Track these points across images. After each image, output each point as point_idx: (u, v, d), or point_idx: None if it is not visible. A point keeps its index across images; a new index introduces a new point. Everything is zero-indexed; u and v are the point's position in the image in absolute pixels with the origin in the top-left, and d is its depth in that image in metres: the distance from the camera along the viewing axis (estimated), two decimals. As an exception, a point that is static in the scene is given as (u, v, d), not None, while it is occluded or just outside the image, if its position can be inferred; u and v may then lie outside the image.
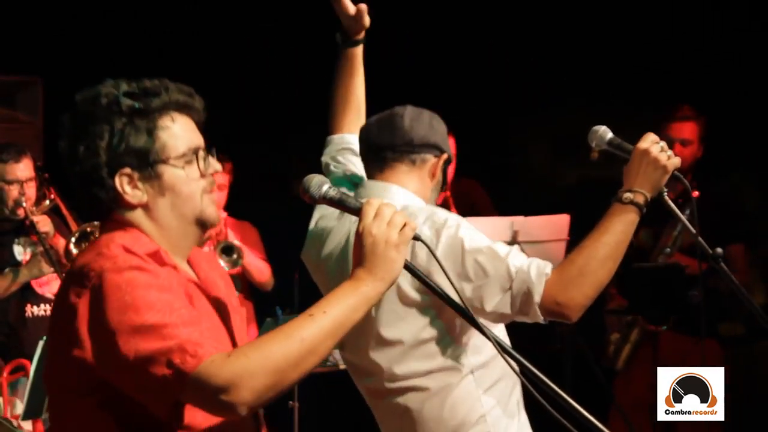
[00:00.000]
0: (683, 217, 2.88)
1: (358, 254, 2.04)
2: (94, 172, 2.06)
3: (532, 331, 4.97)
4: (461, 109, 5.29)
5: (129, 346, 1.90)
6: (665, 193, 2.79)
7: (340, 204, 2.19)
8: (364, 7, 3.04)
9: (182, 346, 1.88)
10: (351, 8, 3.04)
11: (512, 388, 2.82)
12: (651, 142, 2.74)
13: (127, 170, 2.06)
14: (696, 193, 2.78)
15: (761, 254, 5.49)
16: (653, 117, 4.89)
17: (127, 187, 2.07)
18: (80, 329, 1.94)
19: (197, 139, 2.13)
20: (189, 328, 1.92)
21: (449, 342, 2.75)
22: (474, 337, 2.75)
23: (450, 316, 2.70)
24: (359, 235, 2.04)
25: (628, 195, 2.71)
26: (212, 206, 2.15)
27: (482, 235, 2.69)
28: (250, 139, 6.48)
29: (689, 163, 4.86)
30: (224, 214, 5.34)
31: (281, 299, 5.19)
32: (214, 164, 2.15)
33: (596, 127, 2.88)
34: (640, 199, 2.71)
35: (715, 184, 5.00)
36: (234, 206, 5.62)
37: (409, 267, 2.13)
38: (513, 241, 4.59)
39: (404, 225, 2.04)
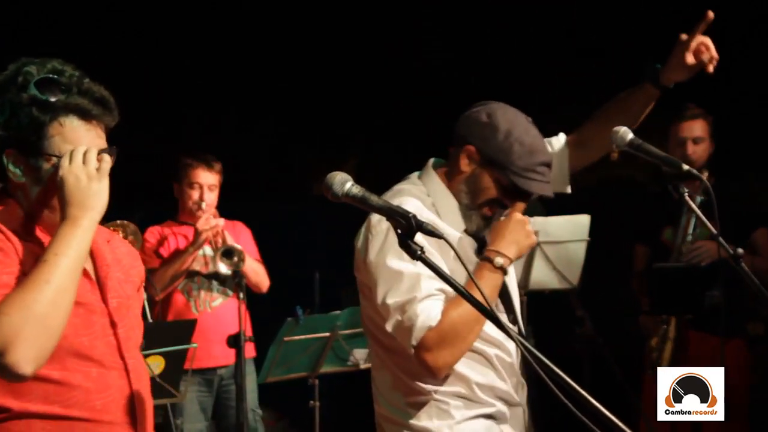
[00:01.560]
0: (703, 217, 2.88)
1: (62, 198, 2.19)
2: None
3: (552, 333, 4.99)
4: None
5: None
6: (686, 193, 2.79)
7: (362, 202, 2.17)
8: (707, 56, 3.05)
9: None
10: (690, 57, 3.07)
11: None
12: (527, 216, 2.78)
13: (14, 151, 2.23)
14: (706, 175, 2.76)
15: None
16: (666, 118, 4.87)
17: (11, 165, 2.24)
18: None
19: (88, 143, 2.24)
20: None
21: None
22: None
23: None
24: (59, 181, 2.19)
25: (498, 260, 2.74)
26: None
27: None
28: (258, 140, 6.49)
29: (704, 160, 4.85)
30: (222, 221, 5.15)
31: (303, 299, 5.21)
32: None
33: (617, 128, 2.89)
34: (507, 264, 2.75)
35: (732, 184, 4.98)
36: (252, 207, 5.60)
37: (429, 265, 2.13)
38: (533, 242, 4.59)
39: (98, 161, 2.21)
